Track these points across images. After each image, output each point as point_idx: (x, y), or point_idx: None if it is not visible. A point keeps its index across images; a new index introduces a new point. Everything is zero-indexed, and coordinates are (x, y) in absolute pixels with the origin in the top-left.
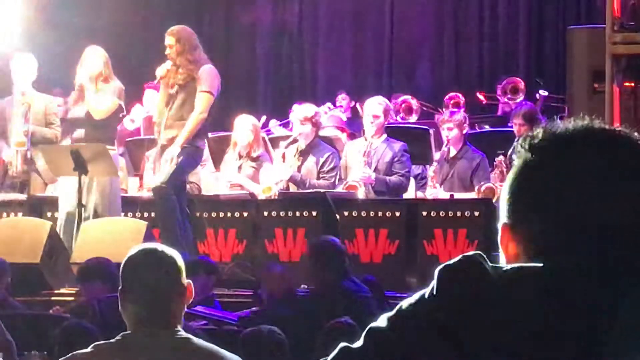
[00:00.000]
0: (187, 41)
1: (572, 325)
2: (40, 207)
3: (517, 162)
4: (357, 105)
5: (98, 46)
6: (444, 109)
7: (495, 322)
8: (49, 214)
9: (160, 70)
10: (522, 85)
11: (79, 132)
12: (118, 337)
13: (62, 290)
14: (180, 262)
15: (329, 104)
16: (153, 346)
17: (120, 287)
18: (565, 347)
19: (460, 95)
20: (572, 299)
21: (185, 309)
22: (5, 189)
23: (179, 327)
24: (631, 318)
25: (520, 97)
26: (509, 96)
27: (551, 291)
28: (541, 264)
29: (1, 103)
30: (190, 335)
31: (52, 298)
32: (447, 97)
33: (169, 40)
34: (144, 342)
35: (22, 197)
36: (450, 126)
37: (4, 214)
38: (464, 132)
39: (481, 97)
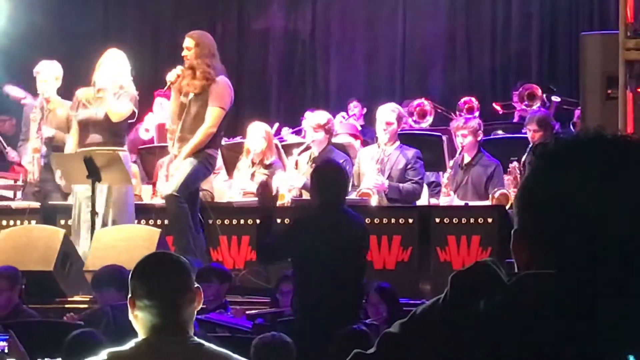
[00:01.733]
0: (207, 47)
1: (580, 331)
2: (54, 214)
3: (528, 170)
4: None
5: (118, 50)
6: (458, 113)
7: (507, 329)
8: (62, 222)
9: (170, 76)
10: (539, 91)
11: (91, 137)
12: (131, 344)
13: (76, 298)
14: (189, 267)
15: (343, 114)
16: (166, 353)
17: (129, 295)
18: (573, 353)
19: (474, 99)
20: (582, 306)
21: (199, 316)
22: (26, 196)
23: (191, 333)
24: (633, 326)
25: (537, 104)
26: (526, 103)
27: (562, 298)
28: (552, 271)
29: (27, 107)
30: (202, 341)
31: (66, 305)
32: (461, 101)
33: (189, 42)
34: (157, 349)
35: (36, 204)
36: (465, 133)
37: (18, 222)
38: (479, 139)
39: (497, 107)
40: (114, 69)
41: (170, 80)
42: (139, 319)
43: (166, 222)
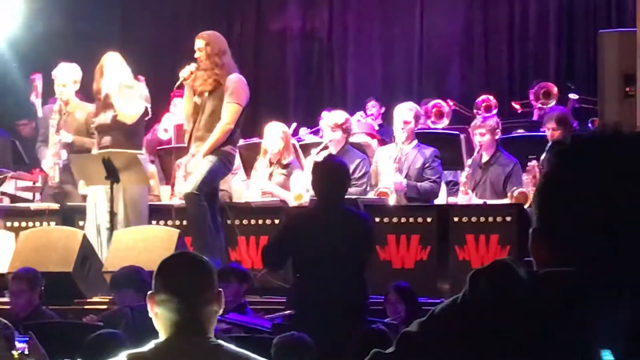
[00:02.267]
0: (217, 45)
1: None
2: (73, 216)
3: (545, 168)
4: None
5: (115, 52)
6: (475, 111)
7: (526, 327)
8: (81, 223)
9: (183, 72)
10: (554, 89)
11: (106, 139)
12: (150, 345)
13: (95, 299)
14: (211, 269)
15: (360, 114)
16: (185, 353)
17: (150, 292)
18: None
19: (491, 97)
20: (602, 304)
21: (218, 317)
22: (45, 198)
23: (211, 334)
24: None
25: (553, 102)
26: (541, 101)
27: (581, 296)
28: (571, 269)
29: (46, 110)
30: (221, 342)
31: (85, 307)
32: (479, 99)
33: (199, 43)
34: (177, 349)
35: (55, 206)
36: (483, 131)
37: (37, 223)
38: (497, 137)
39: (517, 106)
40: (116, 71)
41: (183, 77)
42: (159, 316)
43: (184, 222)
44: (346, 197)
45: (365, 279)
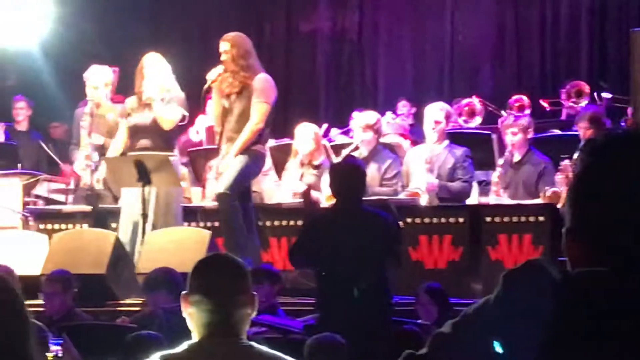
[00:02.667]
0: (242, 47)
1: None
2: (105, 218)
3: (578, 167)
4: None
5: (156, 53)
6: (508, 111)
7: (560, 327)
8: (113, 225)
9: (211, 74)
10: (586, 88)
11: (142, 141)
12: (184, 347)
13: (128, 301)
14: (246, 272)
15: (391, 114)
16: (217, 355)
17: (184, 292)
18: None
19: (525, 97)
20: (637, 304)
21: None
22: (78, 200)
23: (243, 336)
24: None
25: (585, 101)
26: (573, 100)
27: (616, 296)
28: (605, 269)
29: (78, 112)
30: (252, 343)
31: (118, 308)
32: (512, 99)
33: (224, 46)
34: (209, 351)
35: (87, 208)
36: (515, 131)
37: (70, 226)
38: (529, 136)
39: (545, 104)
40: (157, 74)
41: (210, 79)
42: (192, 317)
43: (216, 224)
44: (378, 197)
45: (388, 278)
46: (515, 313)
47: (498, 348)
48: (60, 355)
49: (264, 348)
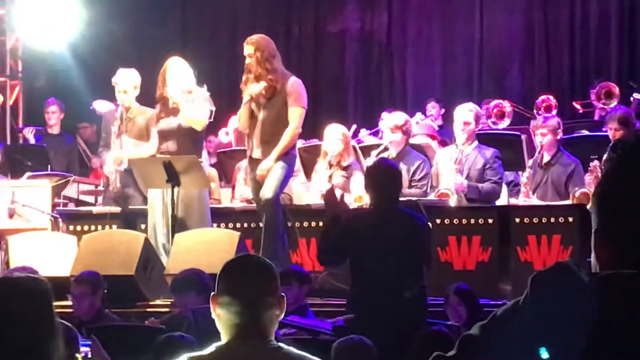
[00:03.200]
0: (266, 49)
1: None
2: (135, 219)
3: (607, 167)
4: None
5: (179, 57)
6: (536, 112)
7: (589, 330)
8: (142, 226)
9: (253, 90)
10: (616, 90)
11: (170, 145)
12: (212, 349)
13: (157, 302)
14: (275, 273)
15: (420, 115)
16: (246, 356)
17: (213, 293)
18: None
19: (552, 97)
20: None
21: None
22: (107, 201)
23: (272, 337)
24: None
25: (614, 102)
26: (603, 101)
27: None
28: (634, 271)
29: (107, 114)
30: (280, 344)
31: (147, 309)
32: (539, 100)
33: (248, 49)
34: (237, 352)
35: (117, 209)
36: (544, 132)
37: (99, 227)
38: (558, 137)
39: (577, 106)
40: (179, 78)
41: (252, 93)
42: (221, 318)
43: (245, 225)
44: (407, 199)
45: (424, 280)
46: (544, 315)
47: (544, 354)
48: (89, 356)
49: (292, 349)
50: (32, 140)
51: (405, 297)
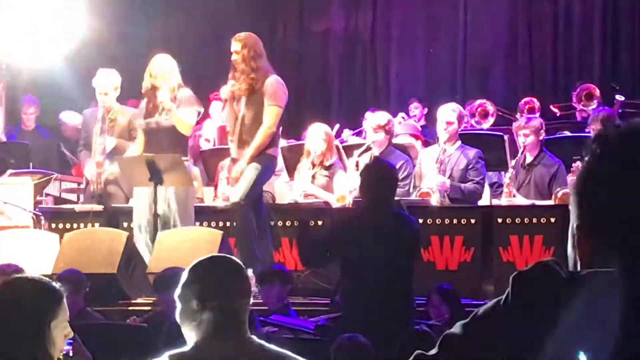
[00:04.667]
0: (253, 47)
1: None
2: (117, 217)
3: (588, 159)
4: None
5: (165, 54)
6: (519, 114)
7: (570, 327)
8: (125, 225)
9: (224, 93)
10: (596, 91)
11: (155, 143)
12: (192, 345)
13: (139, 300)
14: (245, 270)
15: (402, 114)
16: (226, 353)
17: (186, 291)
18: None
19: (535, 100)
20: None
21: (262, 317)
22: (87, 199)
23: (250, 335)
24: None
25: (594, 104)
26: (583, 103)
27: (627, 298)
28: (614, 268)
29: (87, 114)
30: (262, 342)
31: (129, 308)
32: (522, 102)
33: (235, 45)
34: (218, 349)
35: (99, 207)
36: (527, 132)
37: (82, 225)
38: (541, 138)
39: (555, 109)
40: (167, 77)
41: (224, 97)
42: (196, 316)
43: (228, 224)
44: None
45: (412, 282)
46: (525, 314)
47: (583, 357)
48: (70, 355)
49: (273, 347)
50: (4, 139)
51: (398, 299)
